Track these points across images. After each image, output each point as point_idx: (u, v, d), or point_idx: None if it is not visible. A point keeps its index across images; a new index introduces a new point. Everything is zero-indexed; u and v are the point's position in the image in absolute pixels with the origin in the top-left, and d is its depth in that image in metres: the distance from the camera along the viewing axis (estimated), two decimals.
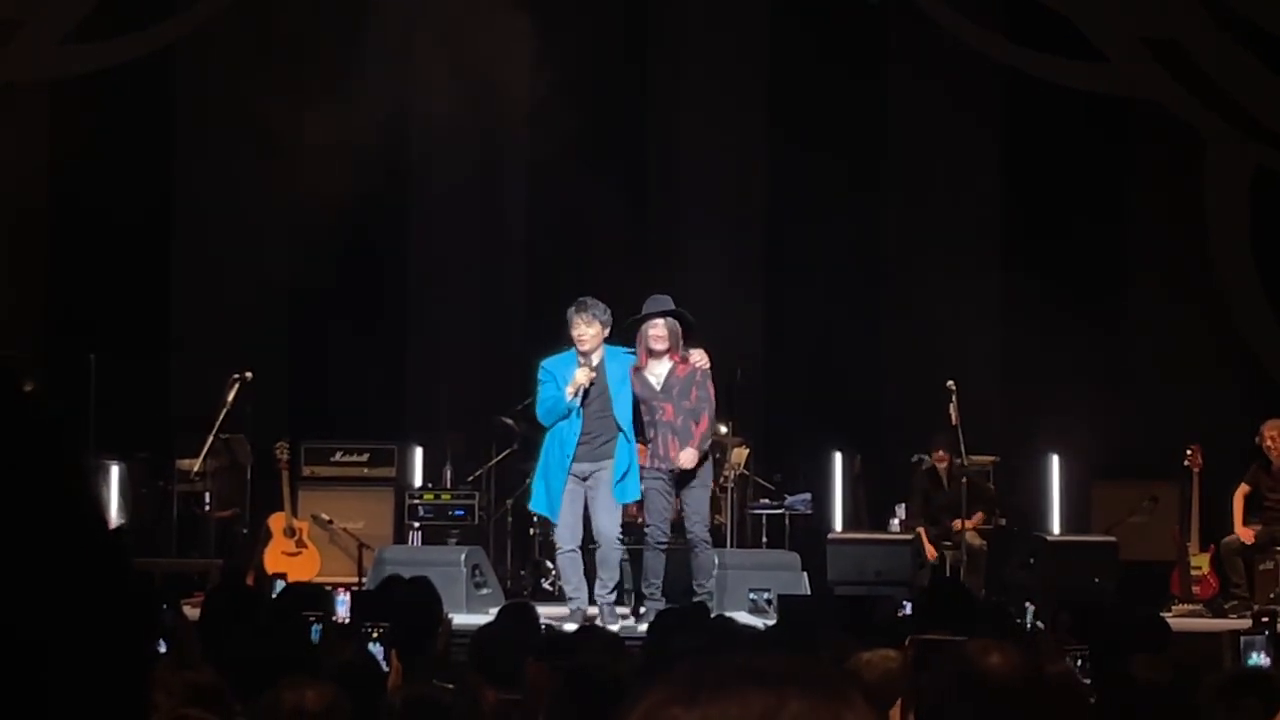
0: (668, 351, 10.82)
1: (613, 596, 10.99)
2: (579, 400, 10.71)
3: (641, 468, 10.85)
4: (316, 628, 6.76)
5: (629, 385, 10.81)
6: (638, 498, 10.99)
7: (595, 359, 10.78)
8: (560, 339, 10.91)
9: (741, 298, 14.63)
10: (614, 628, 9.81)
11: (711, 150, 15.17)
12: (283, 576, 12.22)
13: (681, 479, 10.88)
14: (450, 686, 4.58)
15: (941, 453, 13.27)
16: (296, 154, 14.31)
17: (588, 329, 10.73)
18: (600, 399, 10.77)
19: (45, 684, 1.08)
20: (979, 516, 13.22)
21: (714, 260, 14.19)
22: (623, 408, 10.80)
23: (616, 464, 10.77)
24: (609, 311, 10.81)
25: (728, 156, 15.20)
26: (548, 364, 10.87)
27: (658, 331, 10.80)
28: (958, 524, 12.88)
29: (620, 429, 10.77)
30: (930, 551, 13.14)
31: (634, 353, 10.90)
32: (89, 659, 1.10)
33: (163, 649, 5.56)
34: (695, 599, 10.78)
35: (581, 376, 10.68)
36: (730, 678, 1.38)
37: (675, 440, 10.79)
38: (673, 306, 10.88)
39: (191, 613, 7.72)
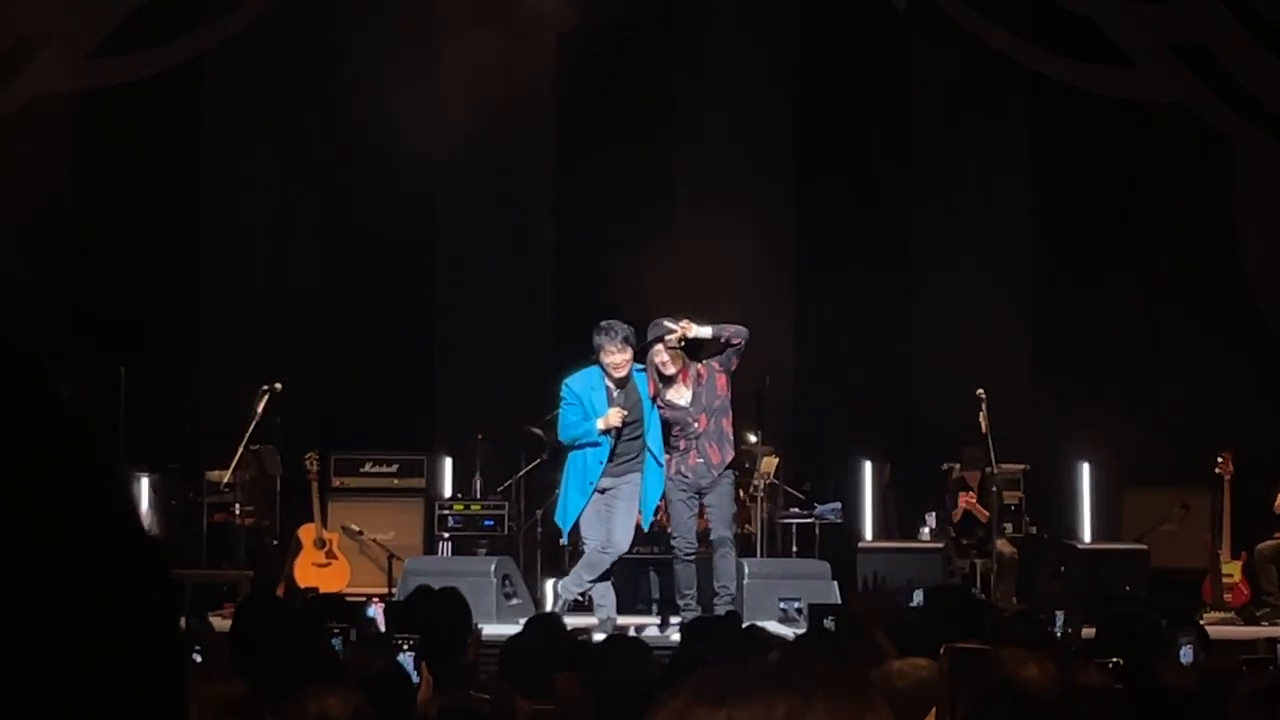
0: (681, 372, 10.75)
1: (574, 596, 10.81)
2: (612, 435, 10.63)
3: (665, 479, 10.83)
4: (337, 640, 6.75)
5: (656, 410, 10.76)
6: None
7: (626, 386, 10.68)
8: (589, 349, 10.84)
9: (771, 306, 14.61)
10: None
11: (739, 157, 15.16)
12: (314, 589, 12.21)
13: (705, 485, 10.84)
14: (486, 697, 4.57)
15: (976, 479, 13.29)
16: (325, 165, 14.33)
17: (620, 355, 10.55)
18: (633, 424, 10.67)
19: (72, 686, 1.08)
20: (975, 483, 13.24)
21: (743, 268, 14.17)
22: (654, 431, 10.74)
23: (645, 489, 10.72)
24: (633, 330, 10.72)
25: (755, 162, 15.19)
26: (571, 384, 10.68)
27: (662, 358, 10.72)
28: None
29: (651, 452, 10.72)
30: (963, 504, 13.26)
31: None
32: (124, 657, 1.10)
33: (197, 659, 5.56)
34: (718, 600, 10.77)
35: (615, 418, 10.52)
36: (756, 681, 1.39)
37: (714, 446, 10.76)
38: (671, 325, 10.66)
39: (222, 624, 7.73)
